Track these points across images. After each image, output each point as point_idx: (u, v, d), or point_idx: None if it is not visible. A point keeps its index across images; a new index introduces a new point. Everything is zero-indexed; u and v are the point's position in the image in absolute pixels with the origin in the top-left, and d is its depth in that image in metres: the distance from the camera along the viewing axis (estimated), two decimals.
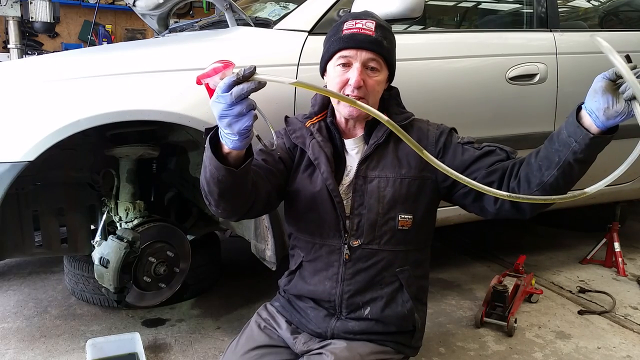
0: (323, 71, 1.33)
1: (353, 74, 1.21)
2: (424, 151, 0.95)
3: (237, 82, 0.91)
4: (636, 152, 0.91)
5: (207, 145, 1.04)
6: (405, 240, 1.30)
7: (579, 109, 1.04)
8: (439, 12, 2.64)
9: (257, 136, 1.00)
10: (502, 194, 0.99)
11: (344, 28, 1.25)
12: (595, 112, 0.99)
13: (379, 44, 1.23)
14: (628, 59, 0.97)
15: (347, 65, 1.23)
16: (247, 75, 0.91)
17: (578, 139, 1.03)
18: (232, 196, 1.12)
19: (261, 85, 0.92)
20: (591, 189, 0.93)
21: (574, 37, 2.37)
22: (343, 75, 1.23)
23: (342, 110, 1.28)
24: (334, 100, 1.29)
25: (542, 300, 2.40)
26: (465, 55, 2.09)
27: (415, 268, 1.34)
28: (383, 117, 0.94)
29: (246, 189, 1.14)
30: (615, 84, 0.96)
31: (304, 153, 1.33)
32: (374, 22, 1.24)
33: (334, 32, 1.28)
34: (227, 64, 0.94)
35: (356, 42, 1.22)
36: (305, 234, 1.35)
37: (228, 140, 0.99)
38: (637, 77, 0.91)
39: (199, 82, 0.96)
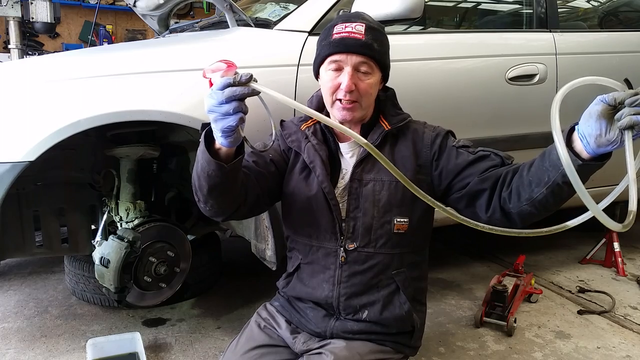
0: (316, 74, 1.33)
1: (344, 79, 1.21)
2: (400, 174, 0.93)
3: (231, 84, 0.94)
4: (620, 187, 0.88)
5: (201, 139, 1.06)
6: (402, 244, 1.30)
7: (572, 129, 0.98)
8: (439, 13, 2.64)
9: (244, 137, 1.02)
10: (477, 224, 0.94)
11: (334, 32, 1.23)
12: (587, 137, 0.94)
13: (369, 47, 1.22)
14: (628, 84, 0.93)
15: (338, 69, 1.23)
16: (243, 81, 0.94)
17: None
18: (220, 193, 1.13)
19: (254, 93, 0.95)
20: (572, 223, 0.90)
21: (574, 37, 2.37)
22: (335, 80, 1.23)
23: (336, 114, 1.27)
24: (328, 104, 1.28)
25: (542, 300, 2.41)
26: (465, 56, 2.10)
27: (412, 270, 1.34)
28: (362, 140, 0.94)
29: (235, 188, 1.14)
30: (612, 109, 0.91)
31: (298, 155, 1.33)
32: (364, 25, 1.23)
33: (324, 36, 1.27)
34: (231, 65, 0.98)
35: (346, 46, 1.21)
36: (302, 237, 1.35)
37: (216, 136, 1.01)
38: (636, 106, 0.87)
39: (204, 76, 1.01)
